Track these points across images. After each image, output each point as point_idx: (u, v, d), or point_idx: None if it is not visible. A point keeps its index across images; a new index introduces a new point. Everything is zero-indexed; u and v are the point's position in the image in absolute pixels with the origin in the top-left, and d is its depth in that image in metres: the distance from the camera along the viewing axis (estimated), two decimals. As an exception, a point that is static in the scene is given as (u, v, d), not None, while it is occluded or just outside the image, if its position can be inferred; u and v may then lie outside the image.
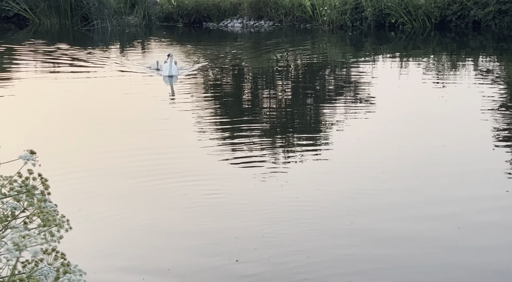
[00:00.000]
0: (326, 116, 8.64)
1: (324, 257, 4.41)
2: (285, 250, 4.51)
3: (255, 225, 4.95)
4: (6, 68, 13.08)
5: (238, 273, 4.19)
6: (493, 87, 10.00)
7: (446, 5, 17.22)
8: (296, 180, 5.95)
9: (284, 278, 4.13)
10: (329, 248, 4.56)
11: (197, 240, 4.73)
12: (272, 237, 4.72)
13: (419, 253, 4.49)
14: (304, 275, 4.15)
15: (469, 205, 5.37)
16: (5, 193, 1.44)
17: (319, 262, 4.34)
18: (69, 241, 1.74)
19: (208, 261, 4.38)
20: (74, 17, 20.88)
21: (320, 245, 4.59)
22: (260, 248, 4.55)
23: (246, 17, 19.93)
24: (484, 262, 4.35)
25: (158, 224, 5.04)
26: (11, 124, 8.57)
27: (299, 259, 4.38)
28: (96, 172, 6.26)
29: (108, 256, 4.54)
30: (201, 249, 4.58)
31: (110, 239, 4.82)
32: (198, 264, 4.34)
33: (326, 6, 18.50)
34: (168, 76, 11.16)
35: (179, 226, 5.03)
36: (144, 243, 4.72)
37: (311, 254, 4.44)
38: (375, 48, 15.51)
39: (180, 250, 4.61)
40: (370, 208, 5.31)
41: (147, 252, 4.58)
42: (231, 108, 9.34)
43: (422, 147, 7.07)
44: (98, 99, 10.07)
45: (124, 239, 4.82)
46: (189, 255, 4.52)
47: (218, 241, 4.68)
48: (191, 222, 5.07)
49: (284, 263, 4.32)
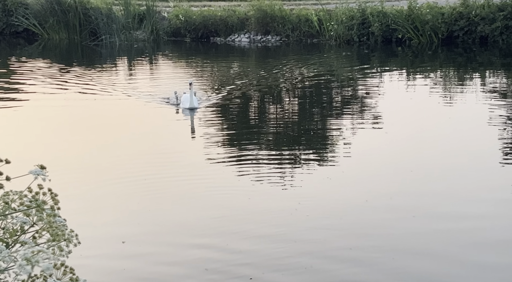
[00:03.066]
0: (338, 132, 8.65)
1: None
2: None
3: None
4: (16, 86, 13.17)
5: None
6: (501, 103, 9.98)
7: (453, 20, 17.24)
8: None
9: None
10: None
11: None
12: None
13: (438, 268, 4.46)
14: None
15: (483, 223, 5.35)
16: (14, 207, 1.45)
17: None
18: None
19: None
20: (83, 32, 21.03)
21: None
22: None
23: (253, 32, 20.02)
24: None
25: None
26: (22, 139, 8.62)
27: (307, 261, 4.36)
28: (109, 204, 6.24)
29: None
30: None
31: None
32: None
33: (333, 21, 18.56)
34: (189, 108, 9.87)
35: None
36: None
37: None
38: (382, 63, 15.53)
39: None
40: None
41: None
42: (253, 139, 8.41)
43: (431, 163, 7.05)
44: (111, 135, 8.95)
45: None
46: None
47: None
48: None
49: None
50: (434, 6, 17.48)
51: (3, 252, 1.25)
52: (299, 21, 19.20)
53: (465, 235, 5.07)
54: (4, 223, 1.47)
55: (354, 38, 18.22)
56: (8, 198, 1.44)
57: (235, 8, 20.81)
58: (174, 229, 5.31)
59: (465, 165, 6.94)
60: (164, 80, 13.17)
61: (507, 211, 5.60)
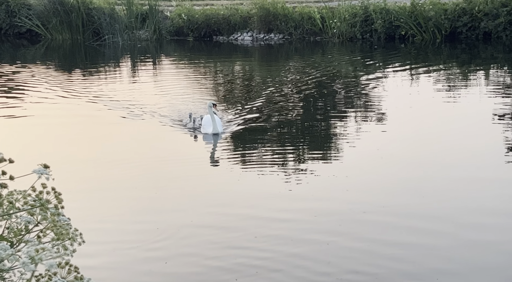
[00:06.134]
0: (343, 131, 8.64)
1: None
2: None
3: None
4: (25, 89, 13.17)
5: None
6: (505, 99, 9.95)
7: (456, 16, 17.20)
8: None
9: None
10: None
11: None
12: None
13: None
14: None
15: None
16: (19, 207, 1.45)
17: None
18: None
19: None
20: (86, 32, 21.06)
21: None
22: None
23: (256, 30, 20.01)
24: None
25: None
26: (25, 140, 8.63)
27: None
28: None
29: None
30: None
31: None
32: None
33: (336, 19, 18.54)
34: (213, 134, 8.32)
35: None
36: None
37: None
38: (386, 60, 15.50)
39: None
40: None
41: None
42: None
43: (435, 159, 7.03)
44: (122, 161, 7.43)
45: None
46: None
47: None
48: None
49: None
50: (437, 2, 17.43)
51: (7, 250, 1.25)
52: (301, 19, 19.18)
53: (470, 233, 5.07)
54: (8, 222, 1.48)
55: (357, 35, 18.19)
56: (12, 197, 1.44)
57: (238, 6, 20.80)
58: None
59: (469, 161, 6.92)
60: (172, 88, 11.89)
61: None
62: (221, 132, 8.39)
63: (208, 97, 11.02)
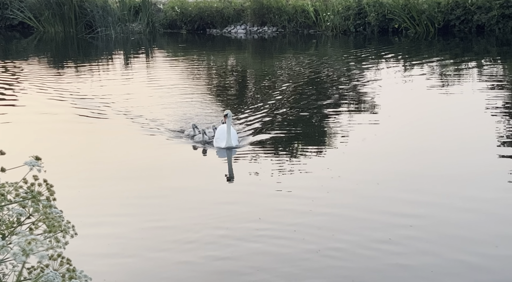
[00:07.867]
0: (340, 124, 8.64)
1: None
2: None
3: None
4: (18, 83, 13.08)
5: None
6: (497, 91, 9.98)
7: (449, 9, 17.22)
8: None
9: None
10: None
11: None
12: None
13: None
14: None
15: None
16: (10, 199, 1.45)
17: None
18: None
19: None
20: (78, 24, 20.97)
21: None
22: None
23: (249, 23, 19.98)
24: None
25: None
26: (17, 133, 8.59)
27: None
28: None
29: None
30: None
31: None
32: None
33: (329, 12, 18.53)
34: (227, 148, 7.24)
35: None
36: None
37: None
38: (379, 53, 15.50)
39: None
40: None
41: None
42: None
43: (428, 152, 7.05)
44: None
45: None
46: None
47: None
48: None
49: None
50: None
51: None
52: (295, 12, 19.17)
53: (463, 220, 5.09)
54: (0, 214, 1.47)
55: (351, 28, 18.20)
56: (3, 189, 1.44)
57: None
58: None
59: (462, 151, 6.95)
60: (165, 82, 11.55)
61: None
62: (236, 146, 7.28)
63: (202, 94, 10.98)
